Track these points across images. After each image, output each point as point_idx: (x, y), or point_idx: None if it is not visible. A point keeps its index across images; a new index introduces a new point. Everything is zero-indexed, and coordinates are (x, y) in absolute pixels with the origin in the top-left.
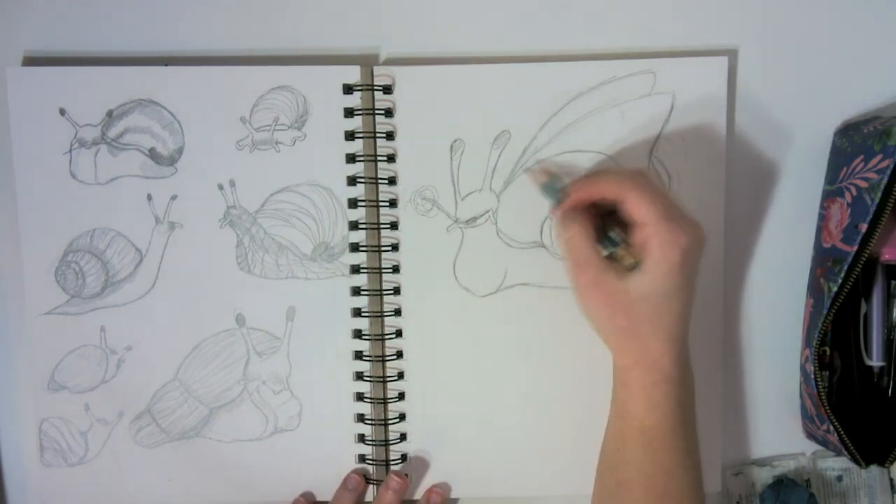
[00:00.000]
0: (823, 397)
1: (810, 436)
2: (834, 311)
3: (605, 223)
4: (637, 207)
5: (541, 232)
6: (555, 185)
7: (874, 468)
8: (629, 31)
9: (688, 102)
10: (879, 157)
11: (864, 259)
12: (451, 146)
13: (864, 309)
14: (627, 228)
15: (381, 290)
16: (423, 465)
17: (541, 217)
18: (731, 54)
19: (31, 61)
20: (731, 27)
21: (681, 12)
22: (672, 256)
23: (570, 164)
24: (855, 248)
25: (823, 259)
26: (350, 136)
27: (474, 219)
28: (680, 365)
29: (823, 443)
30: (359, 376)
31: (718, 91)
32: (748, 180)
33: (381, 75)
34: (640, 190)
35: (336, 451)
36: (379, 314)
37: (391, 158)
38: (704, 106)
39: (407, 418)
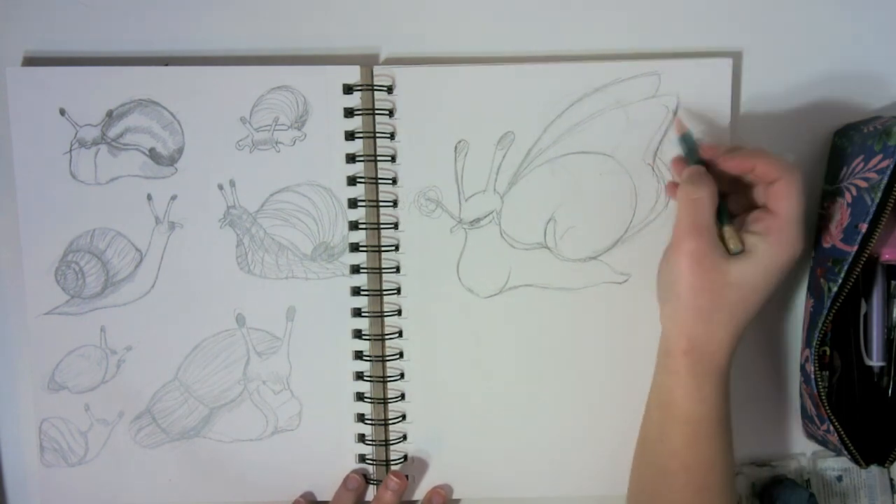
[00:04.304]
0: (823, 397)
1: (810, 436)
2: (834, 311)
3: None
4: (783, 197)
5: (544, 233)
6: (693, 135)
7: (874, 468)
8: (634, 32)
9: (692, 104)
10: (879, 157)
11: (864, 259)
12: (456, 147)
13: (864, 309)
14: (741, 212)
15: (381, 290)
16: (423, 465)
17: (544, 218)
18: (735, 56)
19: (31, 61)
20: (734, 29)
21: (685, 14)
22: (782, 257)
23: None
24: (855, 248)
25: (823, 259)
26: (350, 136)
27: (478, 220)
28: (730, 362)
29: (823, 443)
30: (359, 376)
31: (722, 93)
32: None
33: (381, 75)
34: (794, 182)
35: (336, 451)
36: (379, 314)
37: (392, 159)
38: (708, 107)
39: (407, 418)
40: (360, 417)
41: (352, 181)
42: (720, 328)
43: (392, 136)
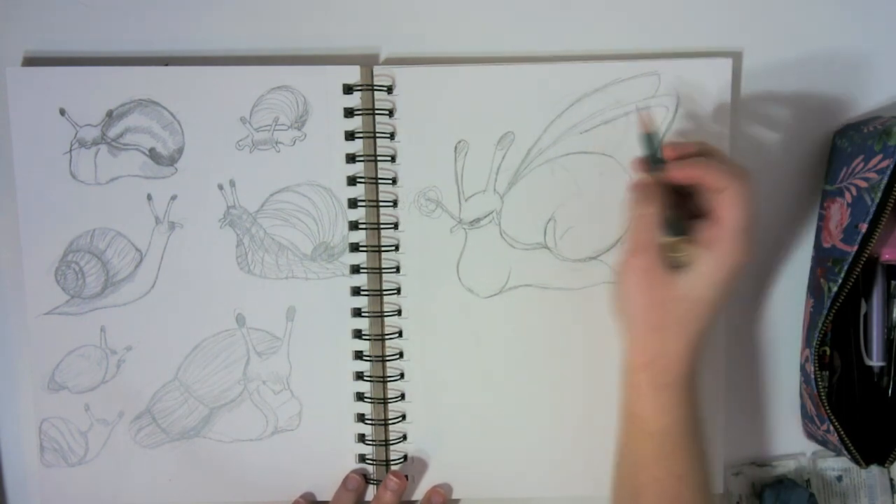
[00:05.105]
0: (823, 397)
1: (810, 436)
2: (834, 311)
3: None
4: (728, 206)
5: (544, 233)
6: (655, 138)
7: (874, 468)
8: (634, 32)
9: (692, 104)
10: (879, 157)
11: (864, 259)
12: (456, 147)
13: (864, 309)
14: (690, 219)
15: (381, 290)
16: (423, 465)
17: (544, 218)
18: (735, 56)
19: (31, 61)
20: (734, 29)
21: (685, 14)
22: (725, 269)
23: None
24: (855, 248)
25: (823, 259)
26: (350, 136)
27: (478, 220)
28: (693, 372)
29: (823, 443)
30: (359, 376)
31: (722, 92)
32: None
33: (381, 75)
34: (744, 191)
35: (336, 451)
36: (379, 314)
37: (392, 159)
38: (708, 107)
39: (407, 418)
40: (360, 417)
41: (352, 181)
42: (673, 341)
43: (392, 136)
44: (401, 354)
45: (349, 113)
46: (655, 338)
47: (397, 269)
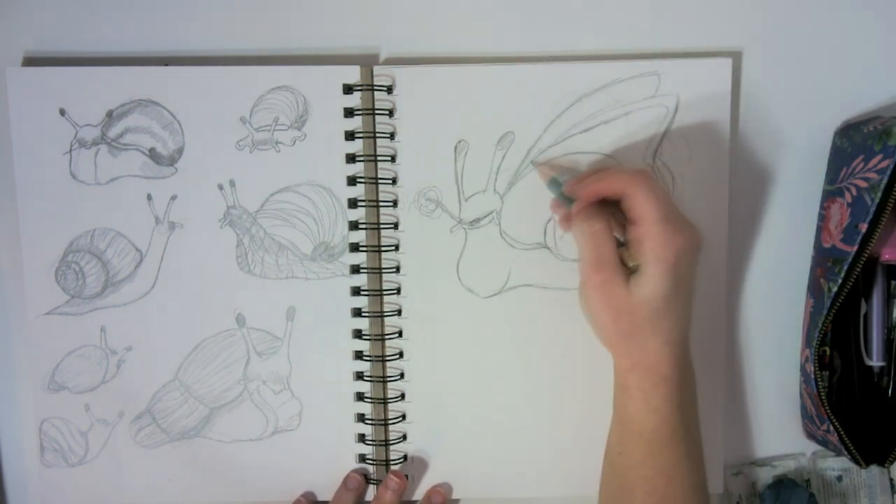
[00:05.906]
0: (823, 397)
1: (810, 436)
2: (834, 311)
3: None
4: (639, 204)
5: (544, 233)
6: (559, 179)
7: (874, 468)
8: (634, 32)
9: (692, 104)
10: (879, 157)
11: (864, 259)
12: (456, 147)
13: (864, 309)
14: (624, 229)
15: (381, 290)
16: (423, 465)
17: (544, 218)
18: (735, 56)
19: (31, 61)
20: (734, 29)
21: (685, 14)
22: (666, 258)
23: (574, 161)
24: (855, 248)
25: (823, 259)
26: (350, 136)
27: (478, 220)
28: (679, 367)
29: (823, 443)
30: (359, 376)
31: (722, 93)
32: (750, 181)
33: (381, 75)
34: (644, 187)
35: (336, 451)
36: (379, 314)
37: (392, 159)
38: (708, 107)
39: (407, 418)
40: (360, 417)
41: (352, 181)
42: (650, 341)
43: (392, 136)
44: (401, 354)
45: (349, 113)
46: (632, 343)
47: (397, 269)
